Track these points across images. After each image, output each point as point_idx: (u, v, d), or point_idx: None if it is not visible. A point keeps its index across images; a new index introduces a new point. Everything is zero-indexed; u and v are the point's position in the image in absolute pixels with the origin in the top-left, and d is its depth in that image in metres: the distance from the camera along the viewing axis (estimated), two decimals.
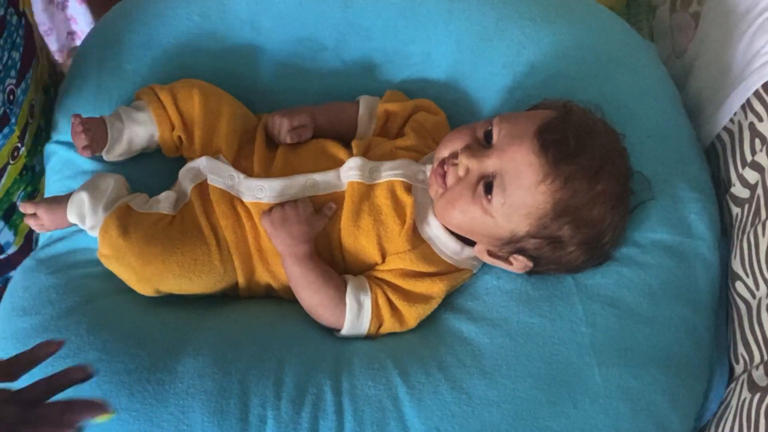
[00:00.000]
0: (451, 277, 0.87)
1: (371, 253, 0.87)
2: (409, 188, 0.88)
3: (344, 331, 0.86)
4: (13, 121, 0.93)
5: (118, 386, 0.80)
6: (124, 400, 0.79)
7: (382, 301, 0.85)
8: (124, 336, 0.84)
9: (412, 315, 0.86)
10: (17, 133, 0.95)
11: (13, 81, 0.92)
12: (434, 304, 0.87)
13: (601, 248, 0.84)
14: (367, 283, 0.86)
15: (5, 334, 0.86)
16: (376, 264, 0.88)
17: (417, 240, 0.87)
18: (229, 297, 0.91)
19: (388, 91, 0.99)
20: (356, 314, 0.85)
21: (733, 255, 0.89)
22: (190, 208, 0.88)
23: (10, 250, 1.00)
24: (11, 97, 0.92)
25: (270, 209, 0.87)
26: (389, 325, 0.86)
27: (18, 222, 0.97)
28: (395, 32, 1.02)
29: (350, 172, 0.88)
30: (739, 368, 0.85)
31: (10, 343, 0.84)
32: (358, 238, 0.87)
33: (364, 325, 0.86)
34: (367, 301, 0.85)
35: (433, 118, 0.96)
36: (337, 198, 0.88)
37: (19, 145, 0.96)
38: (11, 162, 0.96)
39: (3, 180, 0.95)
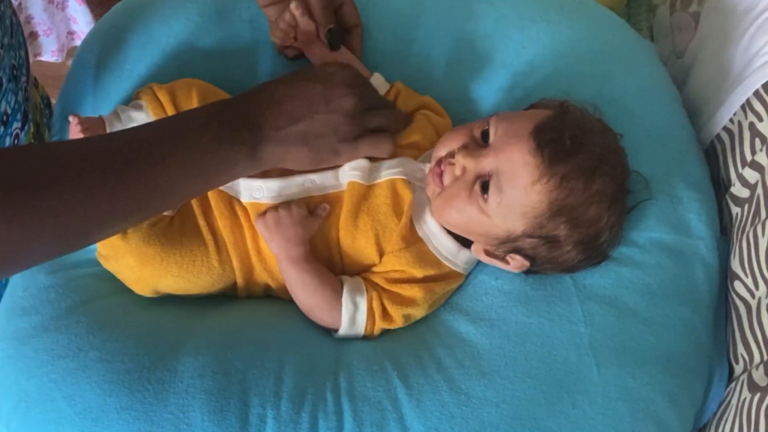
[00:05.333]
0: (443, 283, 0.87)
1: (369, 254, 0.87)
2: (407, 186, 0.88)
3: (341, 332, 0.86)
4: (30, 117, 0.96)
5: (117, 386, 0.80)
6: (124, 400, 0.79)
7: (376, 303, 0.85)
8: (123, 336, 0.84)
9: (400, 317, 0.86)
10: (32, 129, 0.96)
11: (25, 78, 0.94)
12: (422, 310, 0.87)
13: (597, 248, 0.84)
14: (364, 284, 0.87)
15: (5, 334, 0.86)
16: (374, 264, 0.88)
17: (413, 237, 0.87)
18: (227, 297, 0.91)
19: (397, 82, 0.97)
20: (352, 315, 0.85)
21: (732, 255, 0.89)
22: (189, 209, 0.88)
23: None
24: (26, 94, 0.94)
25: (264, 212, 0.87)
26: (380, 324, 0.86)
27: None
28: (395, 32, 1.02)
29: (350, 172, 0.88)
30: (738, 368, 0.85)
31: (9, 343, 0.84)
32: (356, 239, 0.87)
33: (361, 326, 0.86)
34: (363, 303, 0.85)
35: (438, 118, 0.96)
36: (336, 198, 0.88)
37: (33, 141, 0.98)
38: None
39: None
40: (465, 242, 0.88)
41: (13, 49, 0.91)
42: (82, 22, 1.60)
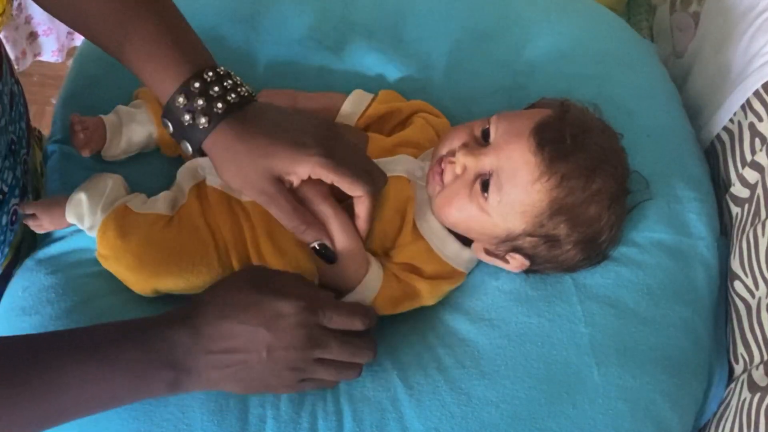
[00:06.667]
0: (442, 282, 0.87)
1: (373, 251, 0.87)
2: (409, 185, 0.88)
3: (360, 286, 0.84)
4: (29, 189, 0.95)
5: None
6: None
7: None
8: None
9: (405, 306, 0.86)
10: (32, 198, 0.96)
11: (25, 150, 0.94)
12: (418, 303, 0.87)
13: (597, 247, 0.84)
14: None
15: (5, 334, 0.85)
16: None
17: (415, 236, 0.87)
18: None
19: (382, 91, 0.98)
20: (377, 272, 0.85)
21: (732, 255, 0.89)
22: (188, 209, 0.88)
23: None
24: (25, 166, 0.94)
25: None
26: (388, 294, 0.86)
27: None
28: (395, 32, 1.02)
29: None
30: (738, 368, 0.85)
31: None
32: None
33: (377, 285, 0.85)
34: (380, 271, 0.85)
35: (435, 119, 0.96)
36: None
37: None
38: None
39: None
40: (466, 241, 0.88)
41: (12, 123, 0.90)
42: None
